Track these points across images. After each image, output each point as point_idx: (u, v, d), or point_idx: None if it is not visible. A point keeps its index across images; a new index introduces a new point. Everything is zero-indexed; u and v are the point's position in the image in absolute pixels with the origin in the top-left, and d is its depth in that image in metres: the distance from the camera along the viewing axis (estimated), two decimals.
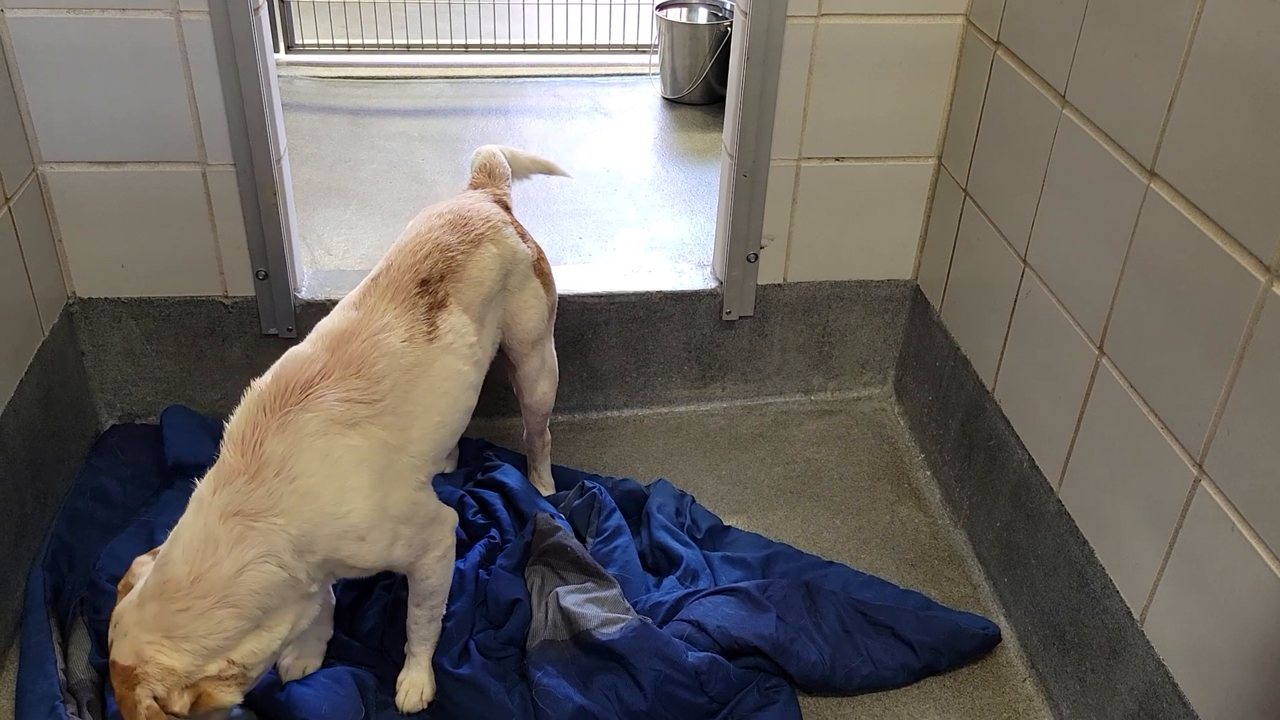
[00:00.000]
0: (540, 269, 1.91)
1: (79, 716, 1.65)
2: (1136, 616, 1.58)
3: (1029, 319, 1.89)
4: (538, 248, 1.92)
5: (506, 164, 2.04)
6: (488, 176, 2.00)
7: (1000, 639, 1.94)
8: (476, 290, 1.73)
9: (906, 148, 2.22)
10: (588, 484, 2.10)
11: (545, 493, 2.16)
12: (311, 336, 1.64)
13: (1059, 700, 1.80)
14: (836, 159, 2.21)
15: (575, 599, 1.80)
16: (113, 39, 1.92)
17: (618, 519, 2.03)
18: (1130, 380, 1.58)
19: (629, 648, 1.72)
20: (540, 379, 2.01)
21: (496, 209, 1.85)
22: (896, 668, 1.84)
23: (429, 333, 1.62)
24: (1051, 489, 1.82)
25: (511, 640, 1.82)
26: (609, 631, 1.74)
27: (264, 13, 1.99)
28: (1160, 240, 1.49)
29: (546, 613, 1.80)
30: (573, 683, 1.71)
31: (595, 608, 1.78)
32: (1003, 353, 1.99)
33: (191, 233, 2.13)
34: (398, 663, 1.78)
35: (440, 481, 2.14)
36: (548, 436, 2.15)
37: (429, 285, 1.65)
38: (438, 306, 1.65)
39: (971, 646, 1.89)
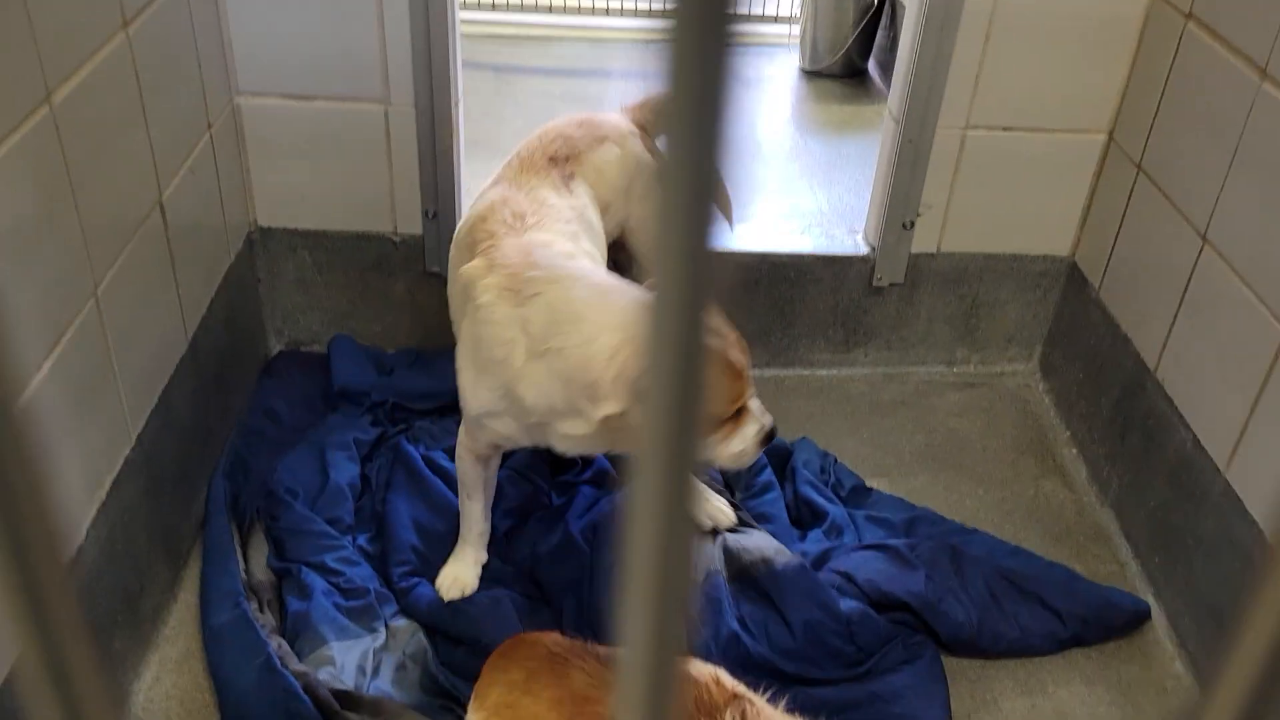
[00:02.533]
0: None
1: (260, 612, 1.75)
2: None
3: (1204, 297, 1.87)
4: None
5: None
6: (639, 107, 2.07)
7: (1150, 616, 1.93)
8: (598, 176, 1.86)
9: (1077, 121, 2.20)
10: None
11: None
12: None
13: None
14: (1004, 129, 2.20)
15: (736, 538, 1.84)
16: None
17: (768, 474, 2.07)
18: None
19: (787, 585, 1.77)
20: None
21: (628, 123, 1.97)
22: (1043, 635, 1.84)
23: (569, 190, 1.79)
24: (1218, 469, 1.80)
25: None
26: (771, 566, 1.78)
27: None
28: None
29: (708, 548, 1.85)
30: (729, 609, 1.76)
31: (755, 547, 1.83)
32: (1170, 331, 1.96)
33: (369, 170, 2.21)
34: (548, 591, 1.84)
35: None
36: None
37: (556, 162, 1.82)
38: (568, 176, 1.82)
39: (1121, 621, 1.89)
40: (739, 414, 1.60)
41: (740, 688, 1.16)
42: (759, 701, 1.14)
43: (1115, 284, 2.19)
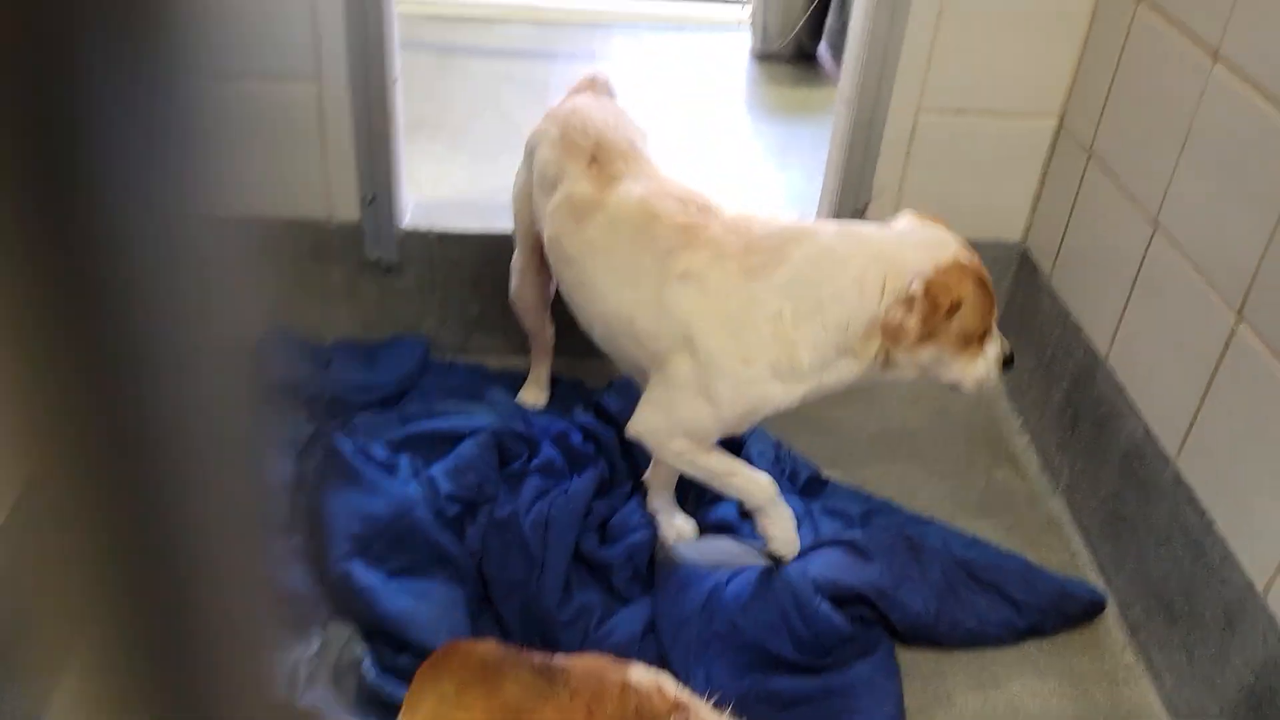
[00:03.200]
0: None
1: None
2: (1259, 589, 1.55)
3: (1155, 284, 1.85)
4: None
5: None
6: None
7: (1105, 606, 1.91)
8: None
9: (1029, 105, 2.17)
10: None
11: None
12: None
13: (1161, 670, 1.78)
14: (956, 112, 2.17)
15: (696, 548, 1.82)
16: None
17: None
18: (1272, 346, 1.54)
19: (748, 594, 1.74)
20: None
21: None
22: (1000, 624, 1.82)
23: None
24: (1168, 458, 1.78)
25: (631, 556, 1.83)
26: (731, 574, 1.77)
27: None
28: None
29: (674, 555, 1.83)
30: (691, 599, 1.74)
31: (716, 554, 1.81)
32: (1121, 319, 1.94)
33: (302, 153, 2.12)
34: (492, 591, 1.79)
35: (535, 417, 2.14)
36: None
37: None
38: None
39: (1077, 611, 1.87)
40: (982, 337, 1.61)
41: (683, 695, 1.12)
42: (702, 709, 1.10)
43: (1066, 271, 2.17)
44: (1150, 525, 1.83)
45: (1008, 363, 1.66)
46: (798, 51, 3.70)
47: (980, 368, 1.61)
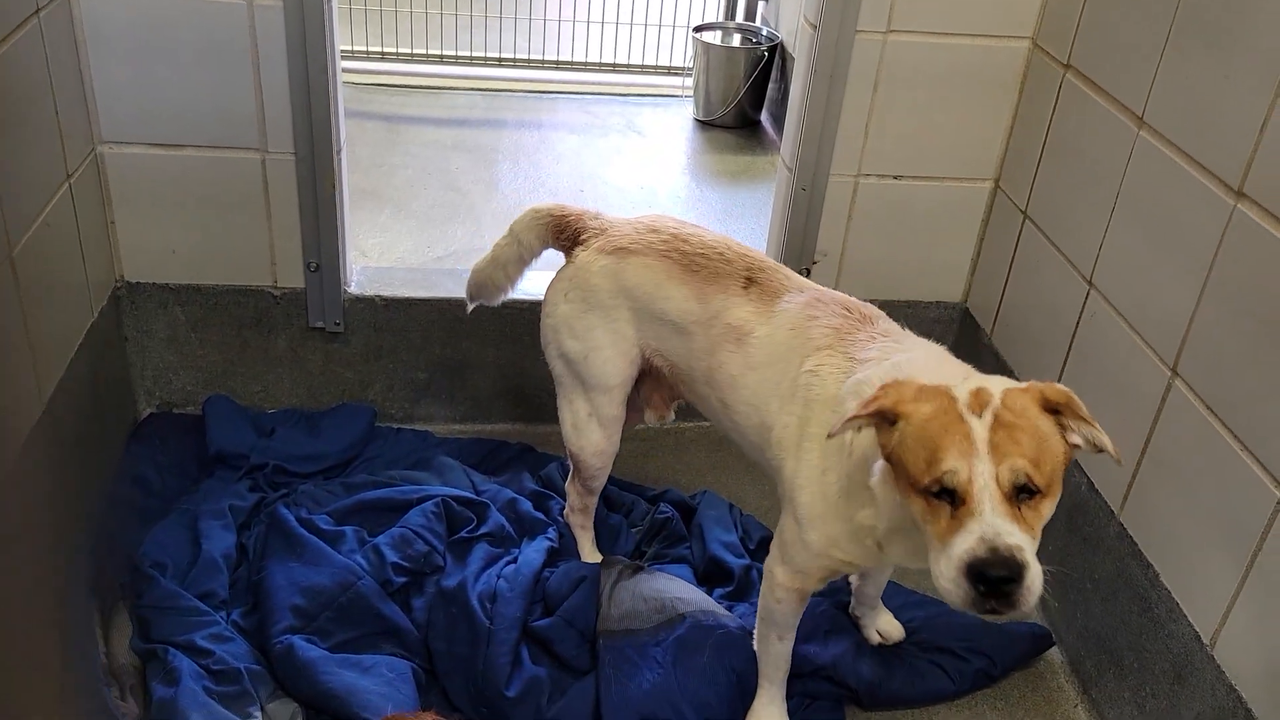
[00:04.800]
0: None
1: (122, 699, 1.61)
2: (1206, 641, 1.57)
3: (1092, 342, 1.89)
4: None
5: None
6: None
7: (1052, 641, 1.93)
8: None
9: (965, 169, 2.23)
10: (663, 509, 2.11)
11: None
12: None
13: None
14: (895, 177, 2.21)
15: (674, 589, 1.85)
16: (183, 21, 1.91)
17: (684, 549, 2.03)
18: (1207, 402, 1.57)
19: (719, 643, 1.75)
20: None
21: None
22: (951, 674, 1.84)
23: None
24: (1112, 512, 1.81)
25: (571, 621, 1.80)
26: (707, 620, 1.78)
27: (335, 2, 1.98)
28: (1247, 260, 1.49)
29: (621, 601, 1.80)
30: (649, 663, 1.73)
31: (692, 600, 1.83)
32: (1061, 375, 1.98)
33: (246, 221, 2.11)
34: (436, 664, 1.75)
35: (484, 485, 2.12)
36: None
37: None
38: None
39: (1023, 648, 1.91)
40: (957, 520, 1.21)
41: None
42: None
43: (1007, 329, 2.21)
44: (1096, 580, 1.85)
45: (980, 576, 1.17)
46: (741, 119, 3.77)
47: (941, 560, 1.21)
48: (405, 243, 2.86)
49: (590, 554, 1.99)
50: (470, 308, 2.01)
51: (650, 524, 2.08)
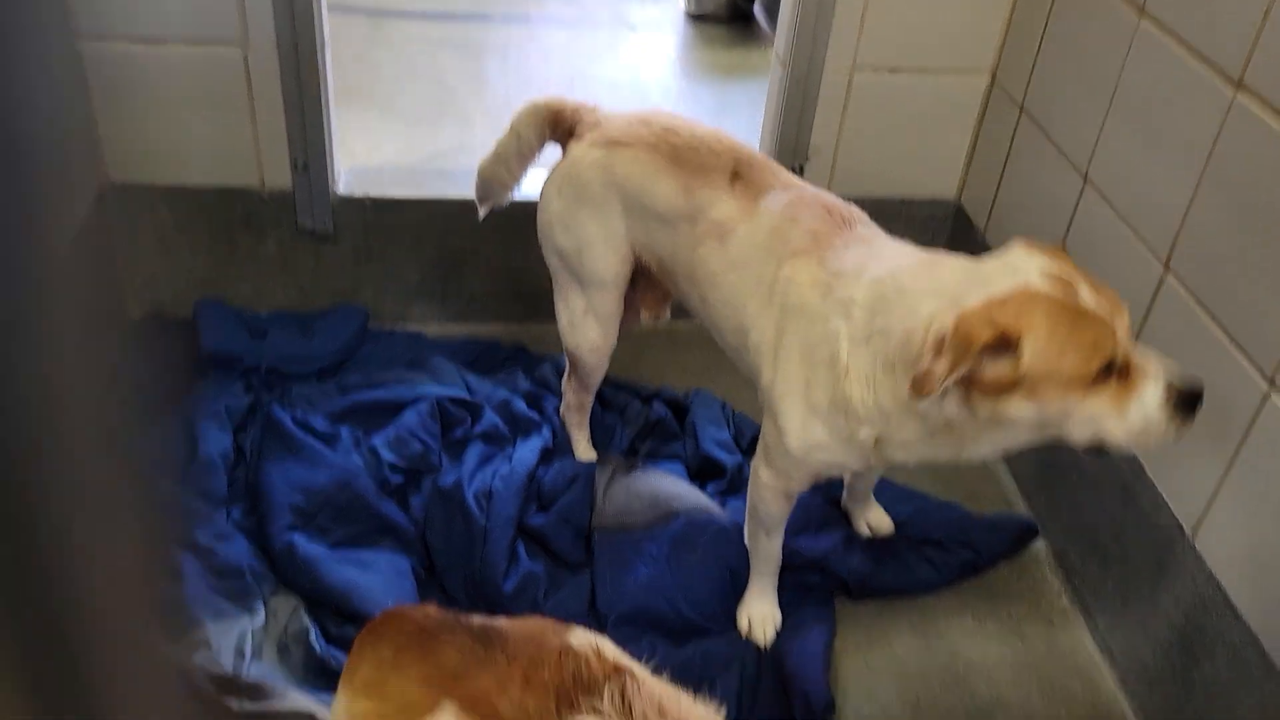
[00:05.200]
0: None
1: None
2: (1188, 531, 1.60)
3: (1086, 237, 1.88)
4: None
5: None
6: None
7: (1037, 532, 1.98)
8: None
9: (962, 62, 2.19)
10: (656, 408, 2.12)
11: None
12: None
13: (1095, 614, 1.83)
14: (890, 70, 2.18)
15: (668, 485, 1.89)
16: None
17: (677, 447, 2.05)
18: (1198, 297, 1.58)
19: (707, 539, 1.79)
20: None
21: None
22: (939, 566, 1.88)
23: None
24: None
25: (567, 518, 1.83)
26: (696, 517, 1.82)
27: None
28: (1244, 153, 1.48)
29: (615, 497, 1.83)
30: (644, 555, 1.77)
31: (687, 498, 1.87)
32: None
33: (230, 119, 2.07)
34: (435, 560, 1.79)
35: (478, 384, 2.13)
36: None
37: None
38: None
39: (1009, 539, 1.96)
40: (1124, 375, 1.29)
41: (622, 658, 1.12)
42: (641, 673, 1.10)
43: (1000, 226, 2.20)
44: (1082, 474, 1.88)
45: (1188, 402, 1.29)
46: (733, 12, 3.69)
47: (1134, 416, 1.28)
48: (394, 142, 2.81)
49: (585, 451, 2.01)
50: (481, 212, 1.98)
51: (644, 422, 2.10)
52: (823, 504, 1.96)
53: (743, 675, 1.67)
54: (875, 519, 1.94)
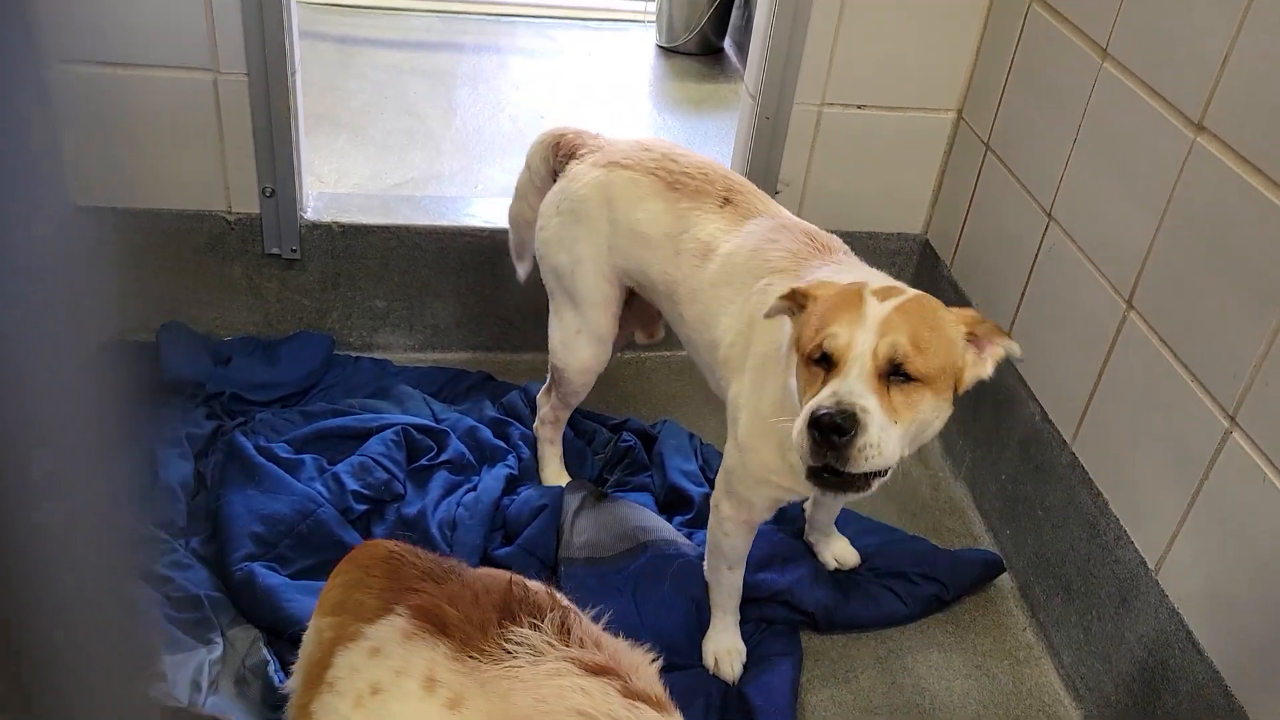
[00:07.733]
0: None
1: None
2: (1151, 566, 1.62)
3: (1050, 273, 1.91)
4: None
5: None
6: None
7: (1003, 567, 1.99)
8: None
9: (929, 99, 2.22)
10: (625, 438, 2.11)
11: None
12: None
13: (1060, 648, 1.84)
14: (859, 106, 2.20)
15: (638, 517, 1.87)
16: None
17: (645, 477, 2.04)
18: (1160, 334, 1.60)
19: (676, 573, 1.78)
20: None
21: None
22: (904, 597, 1.88)
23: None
24: (1065, 441, 1.85)
25: (531, 550, 1.82)
26: (665, 550, 1.82)
27: None
28: (1204, 194, 1.50)
29: (583, 529, 1.82)
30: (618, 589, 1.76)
31: (657, 530, 1.86)
32: (1019, 307, 2.00)
33: (198, 144, 2.05)
34: None
35: (444, 413, 2.11)
36: None
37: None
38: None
39: (975, 573, 1.96)
40: (830, 370, 1.26)
41: (567, 602, 1.22)
42: (584, 617, 1.21)
43: (966, 262, 2.23)
44: (1047, 508, 1.89)
45: (816, 425, 1.20)
46: (704, 45, 3.72)
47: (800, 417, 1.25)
48: (362, 169, 2.80)
49: (556, 472, 2.00)
50: (520, 271, 2.02)
51: (612, 452, 2.09)
52: (787, 538, 1.96)
53: (708, 708, 1.65)
54: (840, 552, 1.94)
